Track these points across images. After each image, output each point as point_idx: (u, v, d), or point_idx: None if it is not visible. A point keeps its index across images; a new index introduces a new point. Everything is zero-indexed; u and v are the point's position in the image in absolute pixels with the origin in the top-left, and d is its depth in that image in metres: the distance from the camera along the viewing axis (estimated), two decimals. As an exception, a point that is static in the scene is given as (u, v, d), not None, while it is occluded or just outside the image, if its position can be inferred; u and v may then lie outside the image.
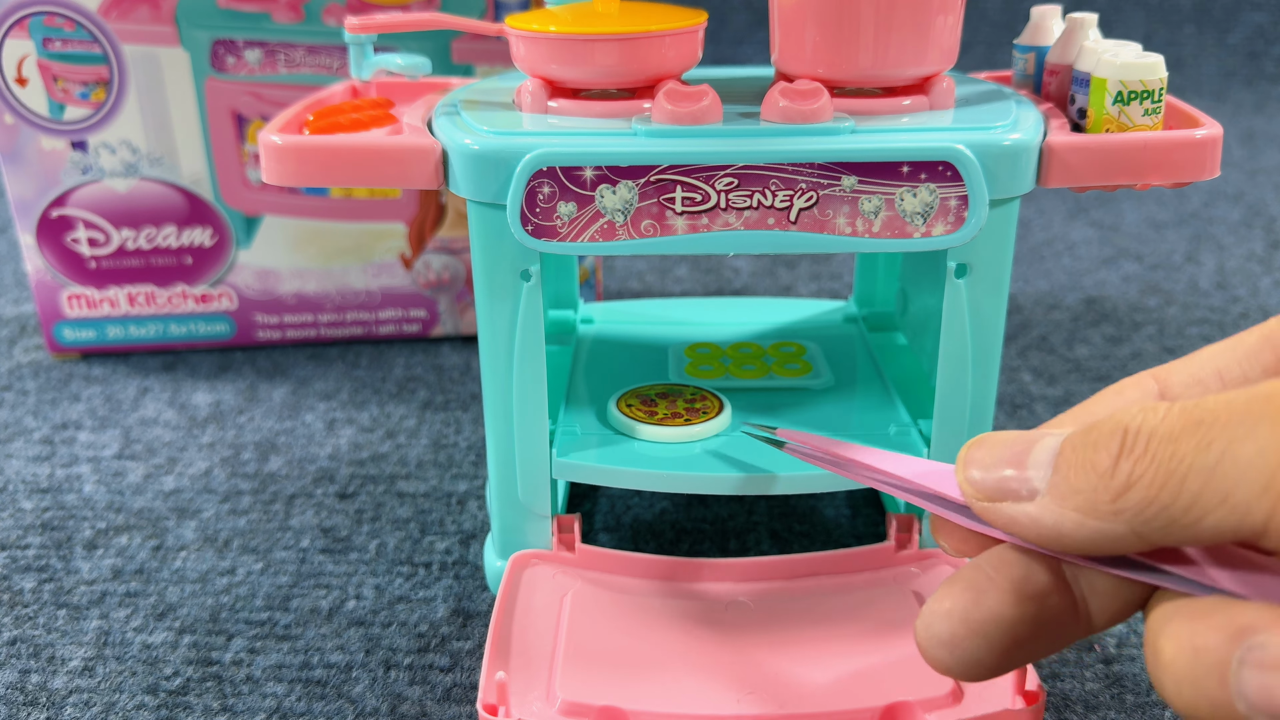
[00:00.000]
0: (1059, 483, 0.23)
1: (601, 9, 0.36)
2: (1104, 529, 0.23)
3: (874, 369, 0.46)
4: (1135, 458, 0.22)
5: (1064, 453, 0.23)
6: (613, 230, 0.33)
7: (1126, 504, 0.22)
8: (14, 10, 0.54)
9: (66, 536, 0.46)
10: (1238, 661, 0.20)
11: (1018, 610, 0.24)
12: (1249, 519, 0.20)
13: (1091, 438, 0.23)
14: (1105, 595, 0.25)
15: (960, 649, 0.24)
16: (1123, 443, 0.22)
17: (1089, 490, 0.23)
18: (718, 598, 0.37)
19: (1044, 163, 0.34)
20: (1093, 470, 0.23)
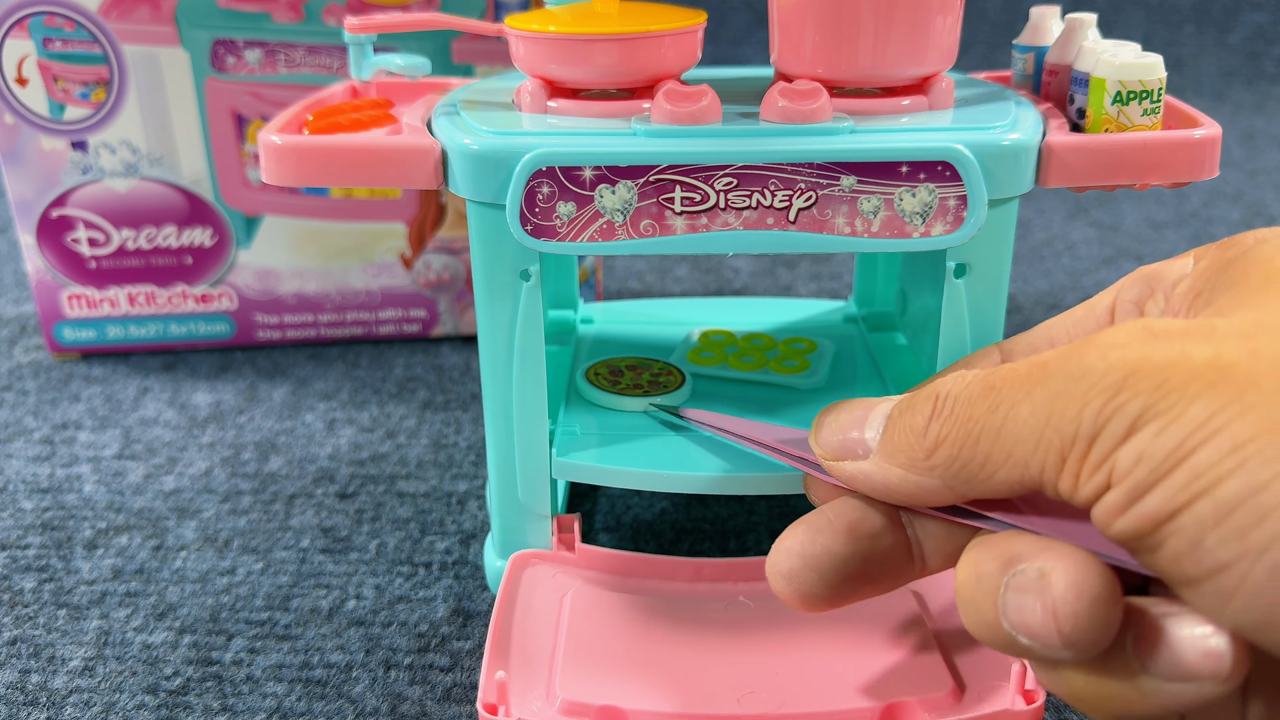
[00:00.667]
0: (885, 443, 0.27)
1: (601, 9, 0.36)
2: (921, 482, 0.26)
3: (874, 369, 0.46)
4: (942, 419, 0.25)
5: (891, 416, 0.27)
6: (612, 230, 0.33)
7: (936, 461, 0.25)
8: (14, 10, 0.54)
9: (66, 536, 0.46)
10: (1004, 586, 0.23)
11: (849, 548, 0.28)
12: (1028, 473, 0.23)
13: (913, 402, 0.26)
14: (937, 539, 0.28)
15: (796, 580, 0.28)
16: (934, 406, 0.25)
17: (907, 449, 0.26)
18: (718, 598, 0.37)
19: (1043, 163, 0.34)
20: (910, 431, 0.26)
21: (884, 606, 0.36)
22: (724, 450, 0.39)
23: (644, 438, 0.39)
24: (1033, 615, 0.22)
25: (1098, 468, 0.22)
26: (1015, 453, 0.23)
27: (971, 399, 0.24)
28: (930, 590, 0.37)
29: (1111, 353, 0.22)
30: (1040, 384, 0.23)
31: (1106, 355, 0.22)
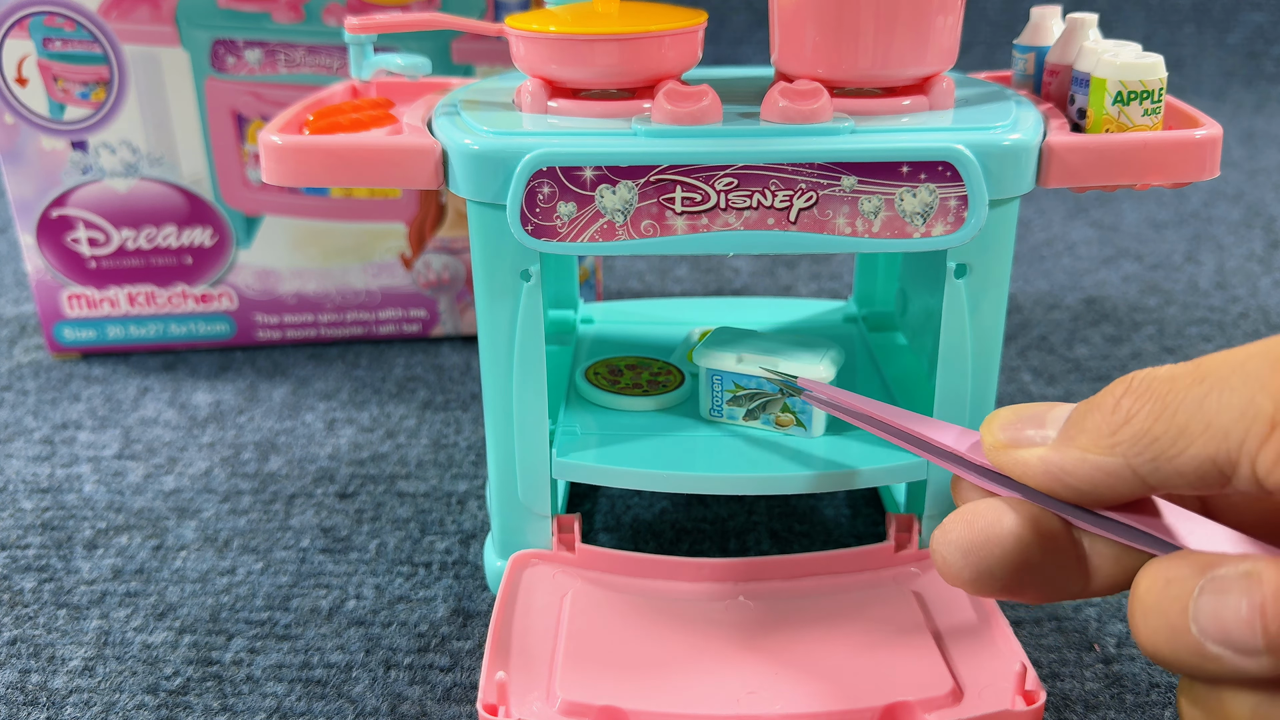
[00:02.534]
0: (1068, 426, 0.25)
1: (601, 9, 0.36)
2: (1102, 463, 0.24)
3: (874, 369, 0.46)
4: (1135, 395, 0.24)
5: (1077, 408, 0.26)
6: (612, 230, 0.33)
7: (1123, 436, 0.24)
8: (14, 10, 0.54)
9: (66, 536, 0.46)
10: (1199, 589, 0.22)
11: (1031, 535, 0.26)
12: (1226, 445, 0.22)
13: (1109, 388, 0.25)
14: (1105, 557, 0.26)
15: (976, 556, 0.26)
16: (1128, 385, 0.24)
17: (1092, 428, 0.25)
18: (718, 598, 0.37)
19: (1044, 163, 0.34)
20: (1097, 410, 0.25)
21: (884, 606, 0.36)
22: (724, 450, 0.38)
23: (644, 438, 0.39)
24: (1235, 614, 0.21)
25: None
26: (1216, 422, 0.22)
27: (1175, 376, 0.23)
28: (930, 590, 0.37)
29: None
30: (1257, 357, 0.22)
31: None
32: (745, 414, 0.40)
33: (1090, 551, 0.27)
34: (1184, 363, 0.24)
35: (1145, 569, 0.24)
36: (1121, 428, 0.24)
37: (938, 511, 0.39)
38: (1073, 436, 0.25)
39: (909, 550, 0.39)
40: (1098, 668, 0.38)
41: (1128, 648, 0.39)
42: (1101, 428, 0.24)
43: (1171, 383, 0.23)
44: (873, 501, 0.47)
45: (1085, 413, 0.25)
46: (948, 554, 0.27)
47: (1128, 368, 0.59)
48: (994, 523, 0.26)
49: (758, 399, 0.40)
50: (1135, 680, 0.37)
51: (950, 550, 0.26)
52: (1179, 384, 0.23)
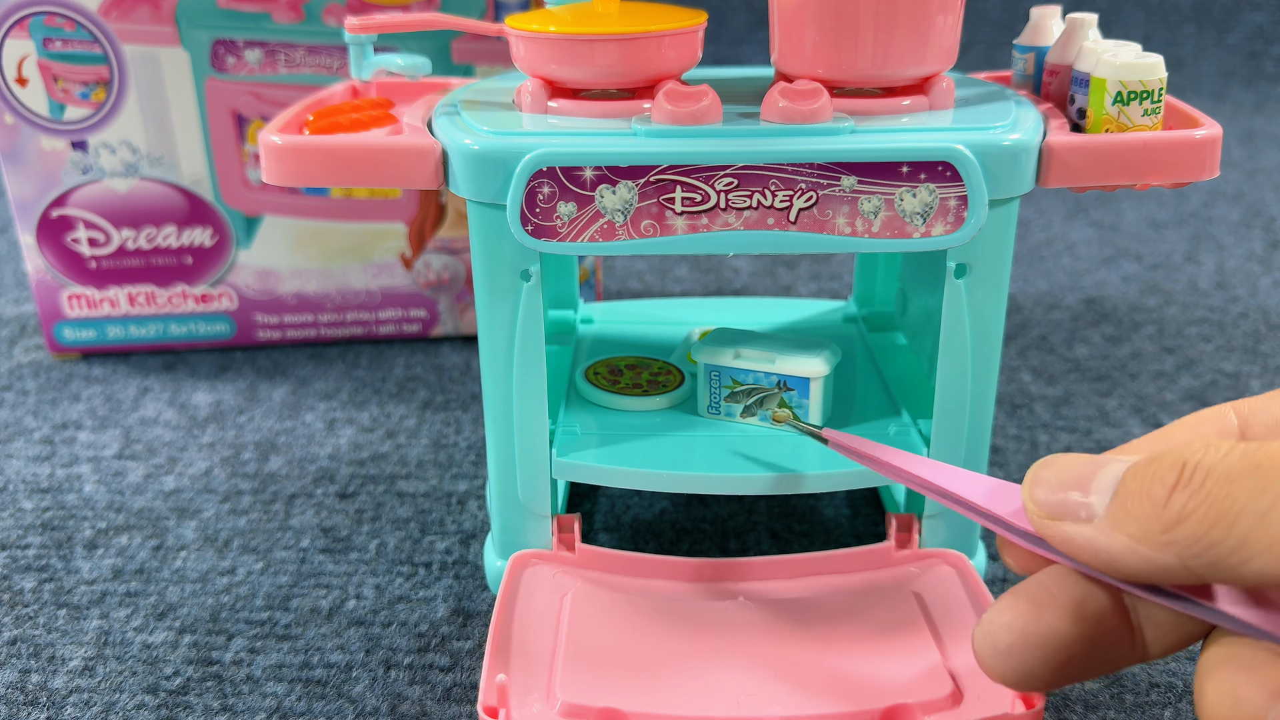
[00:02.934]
0: (1116, 509, 0.24)
1: (601, 9, 0.36)
2: (1154, 558, 0.23)
3: (874, 369, 0.46)
4: (1190, 492, 0.22)
5: (1125, 480, 0.24)
6: (613, 230, 0.33)
7: (1177, 536, 0.22)
8: (14, 10, 0.54)
9: (67, 536, 0.46)
10: (1272, 718, 0.21)
11: (1075, 629, 0.25)
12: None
13: (1152, 469, 0.23)
14: (1161, 626, 0.25)
15: (1016, 660, 0.25)
16: (1179, 476, 0.22)
17: (1143, 518, 0.23)
18: (718, 598, 0.37)
19: (1044, 163, 0.34)
20: (1148, 499, 0.23)
21: (884, 607, 0.36)
22: (724, 450, 0.38)
23: (644, 438, 0.39)
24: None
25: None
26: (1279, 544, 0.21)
27: (1231, 475, 0.22)
28: (930, 590, 0.37)
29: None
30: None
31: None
32: (743, 410, 0.40)
33: (1144, 620, 0.25)
34: (1244, 451, 0.22)
35: (1214, 676, 0.23)
36: (1175, 527, 0.22)
37: (938, 510, 0.39)
38: (1120, 522, 0.23)
39: (909, 550, 0.39)
40: (1098, 668, 0.38)
41: (1128, 648, 0.39)
42: (1153, 522, 0.23)
43: (1230, 485, 0.22)
44: (873, 501, 0.47)
45: (1135, 496, 0.23)
46: (985, 657, 0.26)
47: (1127, 368, 0.59)
48: (1033, 621, 0.25)
49: (755, 394, 0.40)
50: (1135, 680, 0.37)
51: (989, 655, 0.26)
52: (1238, 488, 0.21)
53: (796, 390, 0.39)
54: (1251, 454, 0.22)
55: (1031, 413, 0.55)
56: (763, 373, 0.40)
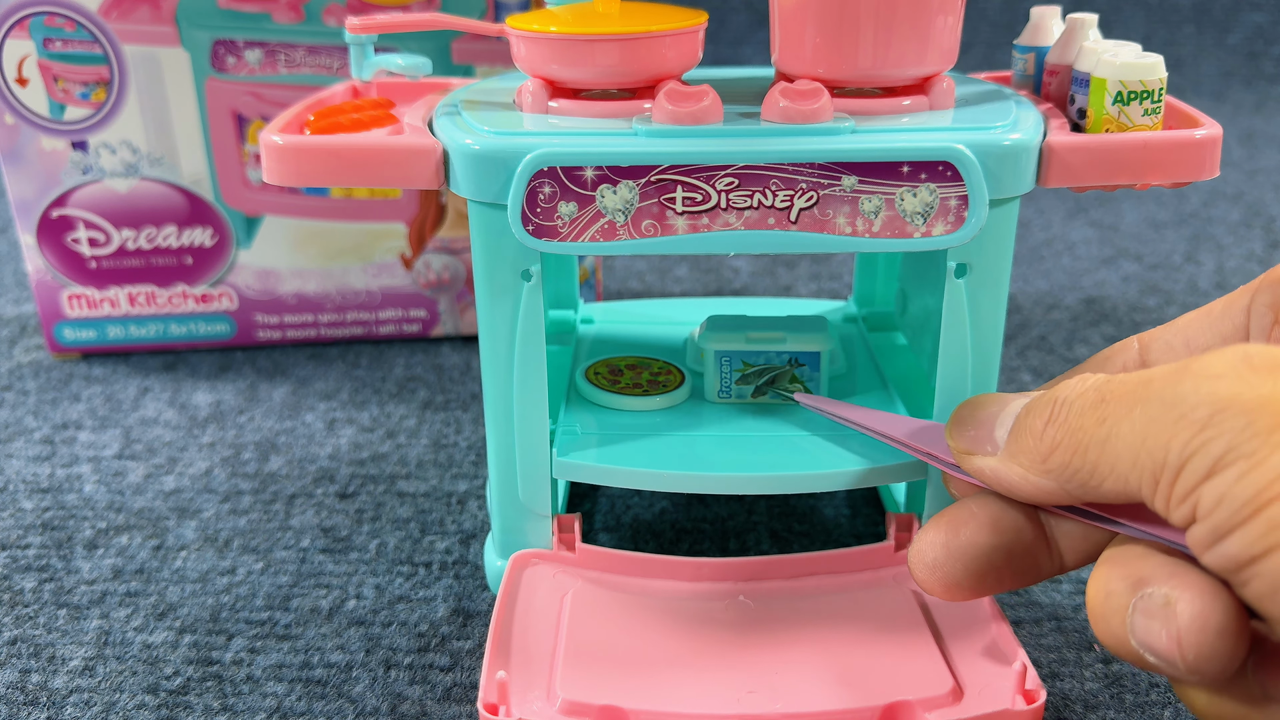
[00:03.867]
0: (1010, 443, 0.27)
1: (602, 9, 0.36)
2: (1040, 484, 0.27)
3: (874, 369, 0.46)
4: (1056, 425, 0.26)
5: (1018, 418, 0.28)
6: (613, 230, 0.33)
7: (1052, 465, 0.26)
8: (14, 10, 0.54)
9: (67, 536, 0.46)
10: (1132, 607, 0.24)
11: (991, 540, 0.28)
12: (1129, 488, 0.24)
13: (1035, 405, 0.27)
14: (1073, 538, 0.29)
15: (942, 571, 0.29)
16: (1050, 412, 0.26)
17: (1028, 450, 0.27)
18: (718, 598, 0.37)
19: (1044, 163, 0.34)
20: (1030, 434, 0.27)
21: (884, 607, 0.36)
22: (724, 450, 0.39)
23: (644, 438, 0.39)
24: (1158, 639, 0.23)
25: (1184, 499, 0.22)
26: (1117, 468, 0.24)
27: (1084, 409, 0.25)
28: (931, 590, 0.37)
29: (1204, 384, 0.22)
30: (1141, 405, 0.23)
31: (1199, 386, 0.22)
32: (754, 391, 0.41)
33: (1058, 534, 0.29)
34: (1095, 386, 0.25)
35: (1093, 575, 0.25)
36: (1049, 456, 0.26)
37: (938, 511, 0.39)
38: (1014, 454, 0.27)
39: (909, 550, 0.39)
40: (1098, 668, 0.38)
41: (1128, 647, 0.39)
42: (1033, 453, 0.26)
43: (1081, 417, 0.25)
44: (873, 501, 0.47)
45: (1022, 430, 0.27)
46: (916, 570, 0.30)
47: (1128, 368, 0.59)
48: (954, 536, 0.29)
49: (766, 374, 0.41)
50: (1135, 680, 0.37)
51: (918, 568, 0.30)
52: (1086, 420, 0.25)
53: (808, 365, 0.41)
54: (1100, 388, 0.25)
55: (1031, 413, 0.55)
56: (774, 352, 0.41)
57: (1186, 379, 0.23)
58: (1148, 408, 0.23)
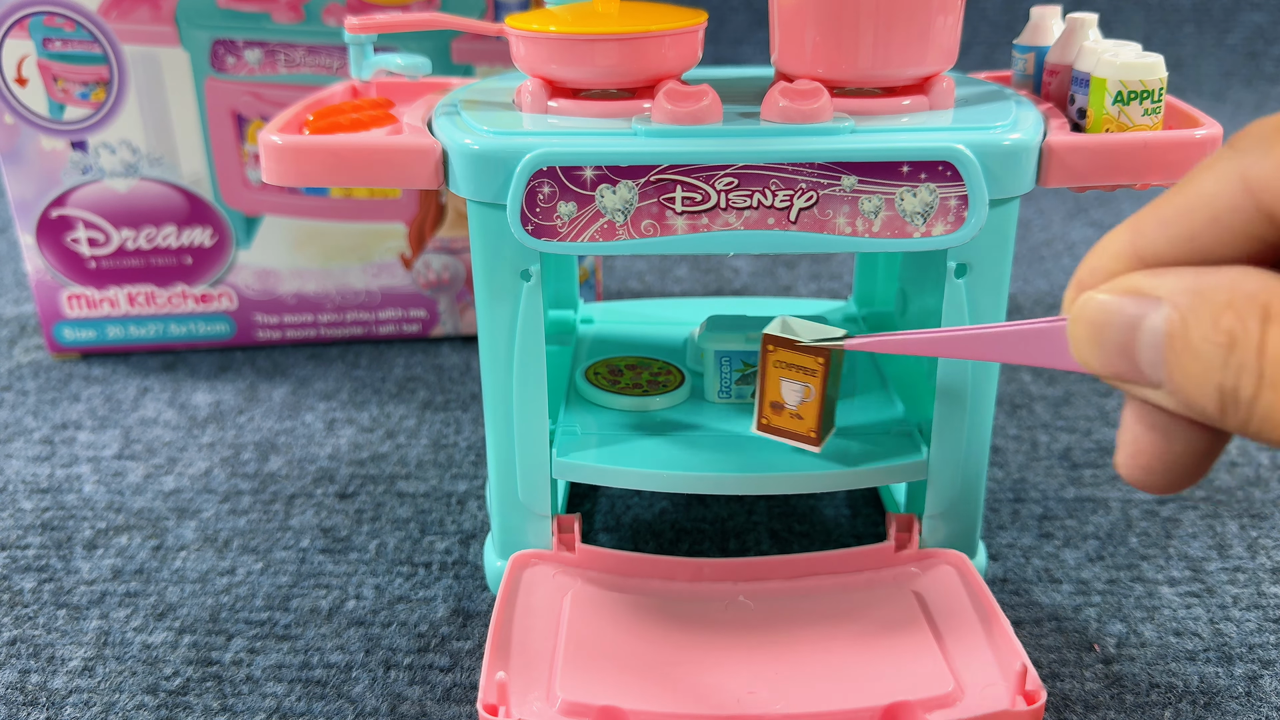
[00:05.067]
0: (1173, 380, 0.23)
1: (601, 9, 0.36)
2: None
3: (874, 369, 0.46)
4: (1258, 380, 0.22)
5: (1169, 350, 0.23)
6: (613, 230, 0.33)
7: (1258, 409, 0.22)
8: (14, 10, 0.54)
9: (66, 536, 0.46)
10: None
11: (1201, 439, 0.24)
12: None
13: (1192, 339, 0.23)
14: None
15: (1165, 484, 0.25)
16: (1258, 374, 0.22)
17: (1209, 399, 0.22)
18: (718, 598, 0.37)
19: (1044, 163, 0.34)
20: (1202, 384, 0.22)
21: (884, 606, 0.36)
22: (724, 450, 0.38)
23: (644, 438, 0.39)
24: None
25: None
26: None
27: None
28: (930, 590, 0.37)
29: None
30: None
31: None
32: (753, 391, 0.41)
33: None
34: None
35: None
36: (1249, 403, 0.22)
37: (938, 511, 0.39)
38: (1185, 398, 0.23)
39: (909, 550, 0.39)
40: (1098, 668, 0.38)
41: (1128, 648, 0.39)
42: (1216, 402, 0.23)
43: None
44: (873, 501, 0.47)
45: (1187, 375, 0.23)
46: (1133, 480, 0.26)
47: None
48: (1167, 449, 0.25)
49: None
50: (1135, 680, 0.37)
51: (1135, 480, 0.25)
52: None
53: None
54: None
55: (1031, 413, 0.55)
56: None
57: None
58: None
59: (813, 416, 0.35)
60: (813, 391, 0.35)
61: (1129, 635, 0.39)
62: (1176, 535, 0.45)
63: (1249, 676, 0.37)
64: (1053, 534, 0.45)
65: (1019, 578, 0.42)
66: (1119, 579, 0.42)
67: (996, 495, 0.48)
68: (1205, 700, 0.36)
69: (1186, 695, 0.36)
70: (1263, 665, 0.38)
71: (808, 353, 0.34)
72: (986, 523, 0.46)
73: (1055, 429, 0.53)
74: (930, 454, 0.38)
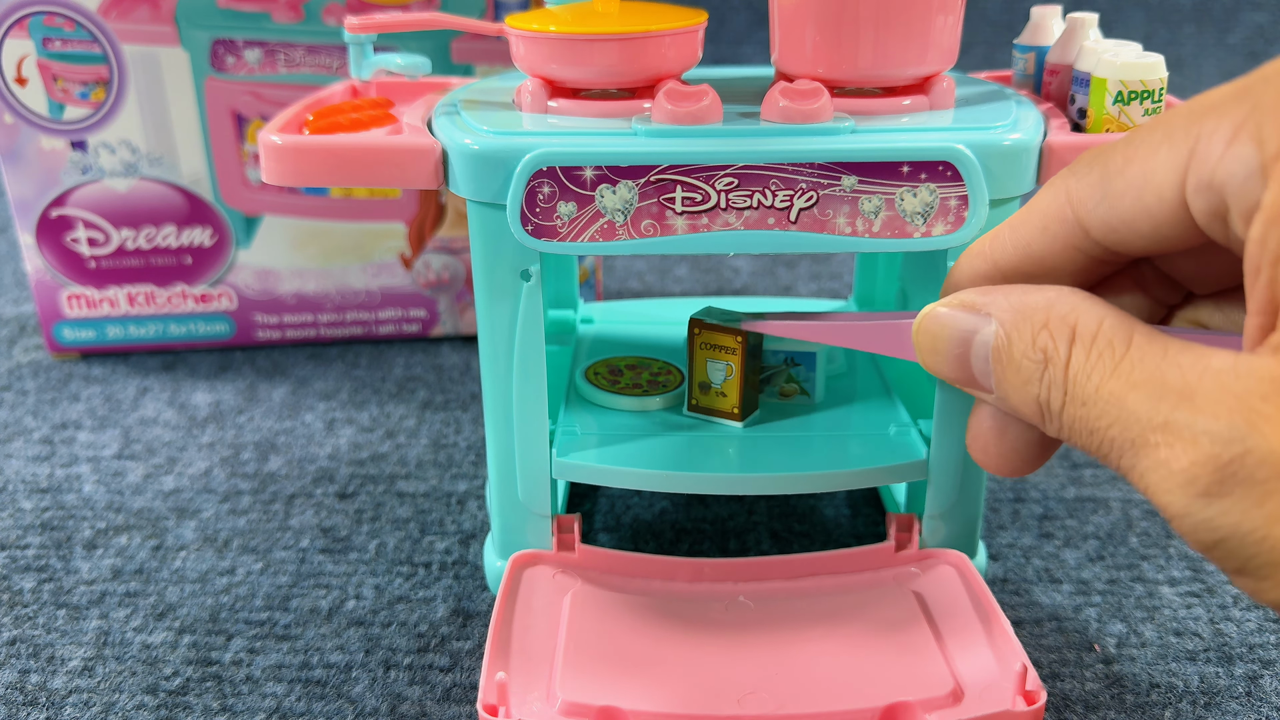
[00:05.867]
0: (1001, 388, 0.26)
1: (601, 9, 0.36)
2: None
3: (874, 369, 0.46)
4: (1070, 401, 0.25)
5: (997, 365, 0.26)
6: (613, 230, 0.33)
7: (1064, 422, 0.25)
8: (14, 10, 0.54)
9: (66, 536, 0.46)
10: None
11: (1033, 433, 0.28)
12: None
13: (1011, 357, 0.26)
14: None
15: (1001, 466, 0.29)
16: (1064, 393, 0.25)
17: (1028, 407, 0.26)
18: (718, 598, 0.37)
19: (1044, 163, 0.34)
20: (1024, 397, 0.26)
21: (884, 606, 0.36)
22: (724, 450, 0.38)
23: (644, 438, 0.39)
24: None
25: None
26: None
27: (1102, 379, 0.24)
28: (930, 590, 0.37)
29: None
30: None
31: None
32: None
33: None
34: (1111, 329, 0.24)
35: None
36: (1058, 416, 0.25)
37: (938, 511, 0.39)
38: (1013, 404, 0.27)
39: (909, 550, 0.39)
40: (1098, 668, 0.38)
41: (1128, 648, 0.39)
42: (1035, 410, 0.26)
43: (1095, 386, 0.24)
44: (873, 501, 0.47)
45: (1009, 384, 0.26)
46: (978, 461, 0.29)
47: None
48: (999, 440, 0.28)
49: (766, 371, 0.41)
50: (1135, 680, 0.37)
51: (979, 460, 0.29)
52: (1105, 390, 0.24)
53: (804, 364, 0.41)
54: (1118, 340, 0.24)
55: (1031, 413, 0.55)
56: (770, 350, 0.41)
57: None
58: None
59: (734, 394, 0.39)
60: (734, 370, 0.39)
61: (1129, 635, 0.39)
62: (1177, 535, 0.45)
63: (1249, 676, 0.37)
64: (1053, 534, 0.45)
65: (1019, 578, 0.42)
66: (1119, 579, 0.42)
67: (996, 495, 0.48)
68: (1205, 700, 0.36)
69: (1187, 695, 0.36)
70: (1263, 665, 0.38)
71: (726, 333, 0.38)
72: (986, 523, 0.46)
73: (1055, 429, 0.53)
74: (930, 454, 0.38)
